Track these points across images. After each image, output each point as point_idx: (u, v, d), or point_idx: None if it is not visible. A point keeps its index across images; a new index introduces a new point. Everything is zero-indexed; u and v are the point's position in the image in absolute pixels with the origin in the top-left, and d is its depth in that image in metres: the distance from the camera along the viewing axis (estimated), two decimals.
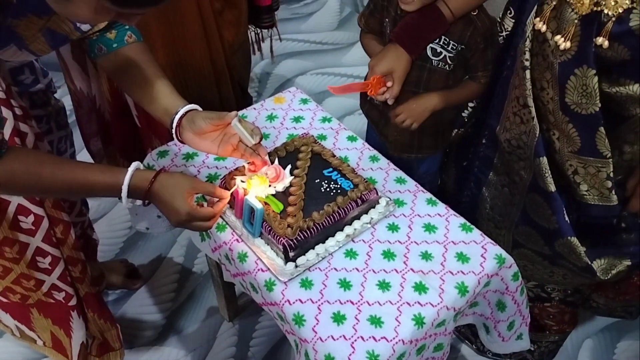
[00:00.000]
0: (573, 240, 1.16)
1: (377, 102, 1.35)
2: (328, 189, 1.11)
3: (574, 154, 1.09)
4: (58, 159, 1.06)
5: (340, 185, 1.12)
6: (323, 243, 1.08)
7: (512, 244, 1.32)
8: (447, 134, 1.48)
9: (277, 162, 1.13)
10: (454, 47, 1.26)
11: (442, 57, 1.27)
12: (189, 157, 1.27)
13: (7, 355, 1.59)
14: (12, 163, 0.89)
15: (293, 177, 1.13)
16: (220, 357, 1.59)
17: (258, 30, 1.80)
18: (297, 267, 1.04)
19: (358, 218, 1.12)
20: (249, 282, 1.08)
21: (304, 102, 1.43)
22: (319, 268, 1.05)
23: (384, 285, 1.03)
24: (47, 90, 1.36)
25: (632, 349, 1.64)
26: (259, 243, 1.08)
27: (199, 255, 1.83)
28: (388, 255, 1.08)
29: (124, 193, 0.95)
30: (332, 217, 1.07)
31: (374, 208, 1.14)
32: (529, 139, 1.15)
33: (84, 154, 1.79)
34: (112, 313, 1.44)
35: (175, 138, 1.05)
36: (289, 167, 1.14)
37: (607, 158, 1.06)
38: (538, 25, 1.07)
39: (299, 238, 1.03)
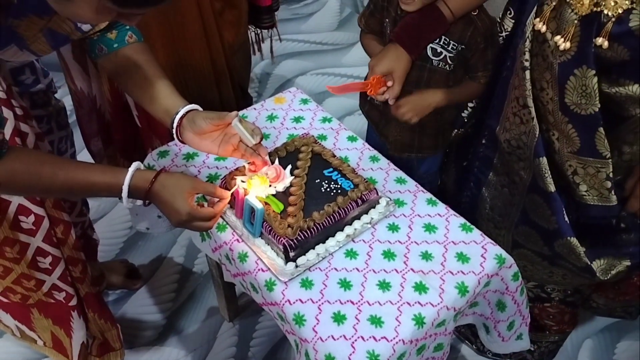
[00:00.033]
0: (572, 241, 1.17)
1: (377, 102, 1.35)
2: (328, 189, 1.11)
3: (574, 155, 1.10)
4: (59, 159, 1.07)
5: (341, 185, 1.12)
6: (323, 243, 1.08)
7: (511, 244, 1.32)
8: (447, 134, 1.48)
9: (277, 162, 1.13)
10: (454, 47, 1.26)
11: (442, 57, 1.27)
12: (190, 157, 1.27)
13: (7, 355, 1.59)
14: (12, 163, 0.89)
15: (293, 177, 1.13)
16: (221, 357, 1.59)
17: (258, 31, 1.80)
18: (297, 267, 1.04)
19: (358, 218, 1.12)
20: (250, 282, 1.09)
21: (304, 102, 1.43)
22: (319, 268, 1.05)
23: (384, 285, 1.03)
24: (47, 91, 1.36)
25: (632, 349, 1.64)
26: (260, 243, 1.08)
27: (199, 256, 1.83)
28: (388, 255, 1.08)
29: (125, 193, 0.95)
30: (332, 217, 1.07)
31: (374, 208, 1.14)
32: (529, 140, 1.15)
33: (85, 154, 1.79)
34: (112, 313, 1.44)
35: (176, 138, 1.06)
36: (289, 167, 1.14)
37: (606, 158, 1.06)
38: (538, 26, 1.07)
39: (299, 238, 1.03)
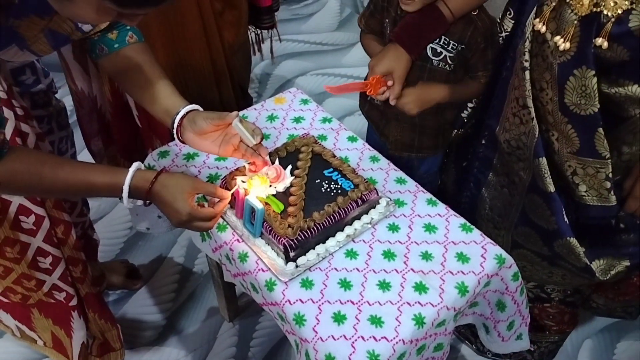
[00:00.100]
0: (572, 241, 1.17)
1: (377, 102, 1.35)
2: (328, 189, 1.12)
3: (573, 155, 1.10)
4: (59, 159, 1.07)
5: (341, 186, 1.12)
6: (323, 243, 1.08)
7: (511, 245, 1.32)
8: (447, 134, 1.48)
9: (277, 162, 1.13)
10: (454, 47, 1.26)
11: (442, 57, 1.27)
12: (190, 157, 1.27)
13: (7, 355, 1.59)
14: (13, 163, 0.89)
15: (293, 177, 1.13)
16: (221, 357, 1.59)
17: (258, 31, 1.80)
18: (297, 267, 1.04)
19: (358, 218, 1.12)
20: (250, 282, 1.09)
21: (305, 102, 1.43)
22: (320, 268, 1.05)
23: (384, 285, 1.03)
24: (48, 91, 1.36)
25: (632, 349, 1.64)
26: (260, 243, 1.08)
27: (200, 256, 1.83)
28: (388, 256, 1.08)
29: (125, 193, 0.95)
30: (332, 217, 1.07)
31: (374, 208, 1.14)
32: (529, 140, 1.15)
33: (85, 154, 1.79)
34: (112, 313, 1.44)
35: (176, 138, 1.06)
36: (290, 167, 1.14)
37: (605, 159, 1.06)
38: (537, 26, 1.07)
39: (300, 238, 1.03)
